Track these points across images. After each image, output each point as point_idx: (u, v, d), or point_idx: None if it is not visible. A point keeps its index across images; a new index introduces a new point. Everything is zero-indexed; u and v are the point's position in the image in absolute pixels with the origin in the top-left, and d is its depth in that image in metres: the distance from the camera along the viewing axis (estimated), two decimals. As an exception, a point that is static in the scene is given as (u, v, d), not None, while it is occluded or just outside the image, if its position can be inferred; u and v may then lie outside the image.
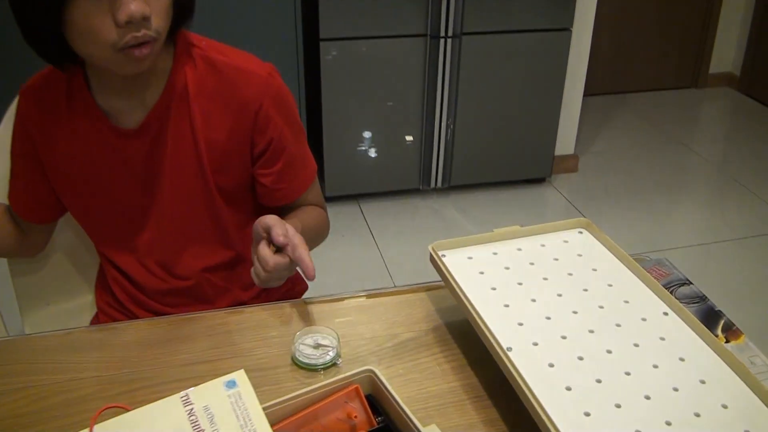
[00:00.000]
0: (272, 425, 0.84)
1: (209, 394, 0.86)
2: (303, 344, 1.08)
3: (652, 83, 4.78)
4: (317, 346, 1.08)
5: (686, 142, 4.09)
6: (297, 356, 1.07)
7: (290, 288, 1.51)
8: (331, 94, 3.08)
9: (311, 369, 1.06)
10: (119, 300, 1.37)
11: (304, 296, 1.54)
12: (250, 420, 0.83)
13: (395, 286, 1.28)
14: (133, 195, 1.26)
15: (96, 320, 1.45)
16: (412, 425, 0.86)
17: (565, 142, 3.63)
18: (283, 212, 1.32)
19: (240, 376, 0.88)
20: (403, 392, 1.02)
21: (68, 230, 1.51)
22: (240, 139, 1.24)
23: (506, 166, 3.46)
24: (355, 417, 0.90)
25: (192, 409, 0.84)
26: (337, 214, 3.28)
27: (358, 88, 3.10)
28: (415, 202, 3.40)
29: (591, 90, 3.64)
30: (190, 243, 1.31)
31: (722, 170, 3.79)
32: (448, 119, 3.23)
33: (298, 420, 0.88)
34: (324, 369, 1.06)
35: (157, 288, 1.33)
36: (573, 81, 3.43)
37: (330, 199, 3.34)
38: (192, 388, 0.87)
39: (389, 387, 0.91)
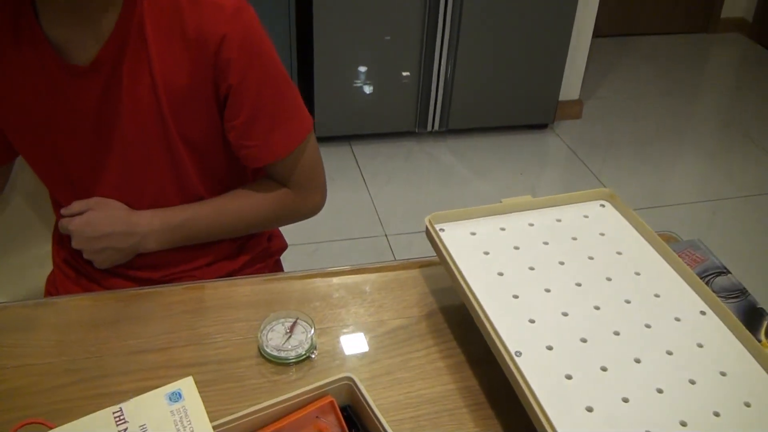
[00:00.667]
0: (226, 448, 0.68)
1: (148, 410, 0.69)
2: (272, 332, 0.92)
3: (661, 26, 4.56)
4: (289, 334, 0.92)
5: (694, 91, 3.91)
6: (265, 347, 0.91)
7: (266, 247, 1.36)
8: (324, 27, 2.89)
9: (281, 363, 0.90)
10: (75, 256, 1.23)
11: (283, 255, 1.41)
12: (198, 442, 0.67)
13: (394, 260, 1.11)
14: (86, 141, 1.10)
15: (52, 277, 1.32)
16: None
17: (570, 87, 3.44)
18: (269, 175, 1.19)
19: (187, 385, 0.72)
20: (389, 396, 0.86)
21: (27, 170, 1.33)
22: (201, 83, 1.05)
23: (507, 110, 3.29)
24: (329, 436, 0.74)
25: (126, 429, 0.68)
26: (328, 156, 3.09)
27: (353, 21, 2.90)
28: (409, 146, 3.23)
29: (598, 31, 3.43)
30: (150, 197, 1.15)
31: (730, 123, 3.62)
32: (448, 58, 3.05)
33: (258, 440, 0.72)
34: (296, 363, 0.90)
35: None
36: (582, 21, 3.22)
37: (320, 140, 3.15)
38: (132, 399, 0.71)
39: (370, 400, 0.75)
